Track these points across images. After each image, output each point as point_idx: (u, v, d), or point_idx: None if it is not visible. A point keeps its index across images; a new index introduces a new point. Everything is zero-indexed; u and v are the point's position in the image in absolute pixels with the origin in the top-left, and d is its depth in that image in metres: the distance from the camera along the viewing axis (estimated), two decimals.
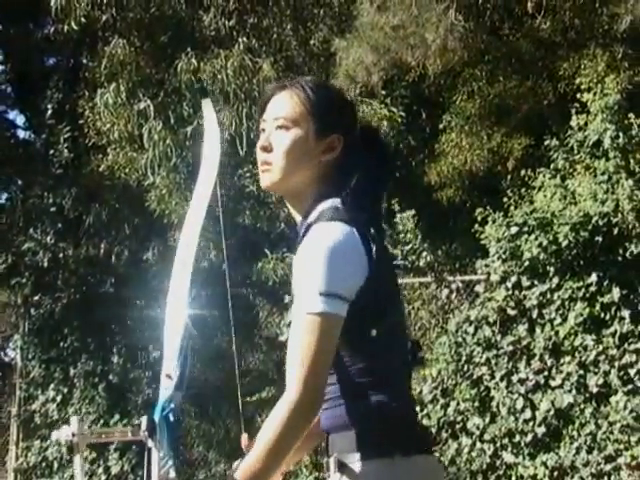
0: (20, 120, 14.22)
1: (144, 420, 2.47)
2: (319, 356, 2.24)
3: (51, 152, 11.77)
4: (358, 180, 2.48)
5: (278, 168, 2.47)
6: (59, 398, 11.24)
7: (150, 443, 2.43)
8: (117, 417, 10.81)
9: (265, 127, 2.51)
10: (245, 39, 10.27)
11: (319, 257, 2.27)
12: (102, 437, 2.18)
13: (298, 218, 2.49)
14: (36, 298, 11.63)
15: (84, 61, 12.38)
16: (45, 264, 11.25)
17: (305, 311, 2.23)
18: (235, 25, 10.66)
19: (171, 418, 2.47)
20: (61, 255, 11.36)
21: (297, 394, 2.23)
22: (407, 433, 2.38)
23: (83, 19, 10.20)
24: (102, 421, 10.82)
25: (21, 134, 13.87)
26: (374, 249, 2.35)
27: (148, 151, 9.91)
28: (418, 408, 8.21)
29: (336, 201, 2.41)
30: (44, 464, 11.29)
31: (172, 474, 2.36)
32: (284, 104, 2.49)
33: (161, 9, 10.71)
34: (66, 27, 10.41)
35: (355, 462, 2.33)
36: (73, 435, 2.36)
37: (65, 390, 11.21)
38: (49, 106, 12.14)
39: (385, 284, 2.41)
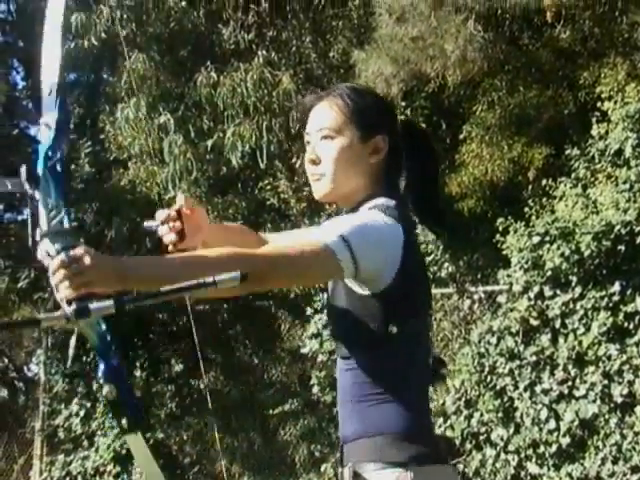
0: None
1: (23, 170, 2.38)
2: (298, 266, 2.26)
3: (72, 167, 11.81)
4: (408, 177, 2.57)
5: (329, 178, 2.53)
6: (82, 412, 11.24)
7: (35, 194, 2.35)
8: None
9: (310, 140, 2.57)
10: (264, 52, 10.31)
11: (362, 219, 2.36)
12: None
13: None
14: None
15: (104, 76, 12.45)
16: None
17: (321, 239, 2.26)
18: (254, 38, 10.70)
19: (58, 169, 2.39)
20: None
21: (262, 261, 2.20)
22: (422, 443, 2.38)
23: (103, 34, 10.26)
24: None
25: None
26: (413, 250, 2.41)
27: (169, 165, 9.93)
28: (441, 419, 8.19)
29: (388, 200, 2.45)
30: (68, 479, 11.30)
31: (66, 224, 2.30)
32: (325, 115, 2.54)
33: (180, 23, 10.75)
34: (86, 43, 10.47)
35: (370, 472, 2.35)
36: None
37: (88, 404, 11.22)
38: (70, 121, 12.20)
39: (416, 287, 2.44)
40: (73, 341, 2.49)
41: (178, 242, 2.56)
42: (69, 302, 2.10)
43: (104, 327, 2.35)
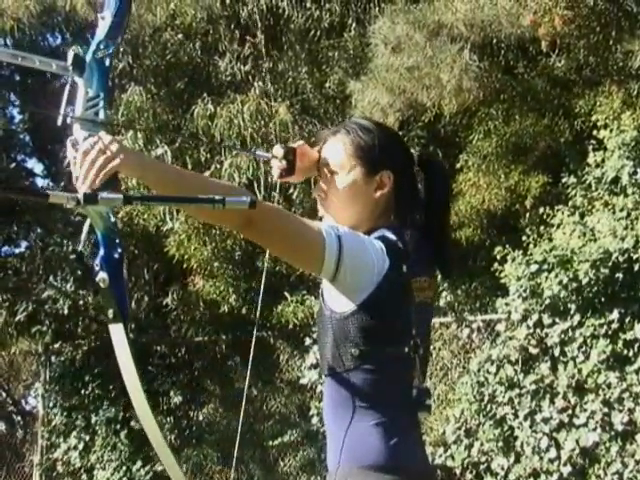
0: (38, 168, 14.33)
1: (70, 55, 2.39)
2: (291, 230, 2.39)
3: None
4: (417, 213, 2.66)
5: (332, 212, 2.63)
6: (81, 446, 11.20)
7: (78, 80, 2.37)
8: (140, 464, 10.76)
9: (319, 174, 2.67)
10: (261, 83, 10.35)
11: (359, 236, 2.48)
12: (17, 59, 2.11)
13: None
14: (57, 346, 11.64)
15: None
16: (65, 312, 11.26)
17: (322, 226, 2.42)
18: (250, 70, 10.74)
19: (106, 63, 2.41)
20: (81, 302, 11.37)
21: (268, 206, 2.43)
22: (394, 472, 2.43)
23: None
24: (124, 468, 10.78)
25: (39, 182, 13.96)
26: (393, 282, 2.45)
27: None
28: (442, 449, 8.17)
29: (385, 231, 2.53)
30: None
31: (101, 115, 2.32)
32: (332, 150, 2.65)
33: (177, 55, 10.80)
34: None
35: None
36: None
37: (87, 438, 11.18)
38: (67, 154, 12.20)
39: (390, 316, 2.48)
40: (86, 225, 2.53)
41: (286, 175, 2.72)
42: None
43: (113, 219, 2.38)
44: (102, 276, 2.35)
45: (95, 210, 2.34)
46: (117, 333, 2.38)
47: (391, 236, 2.50)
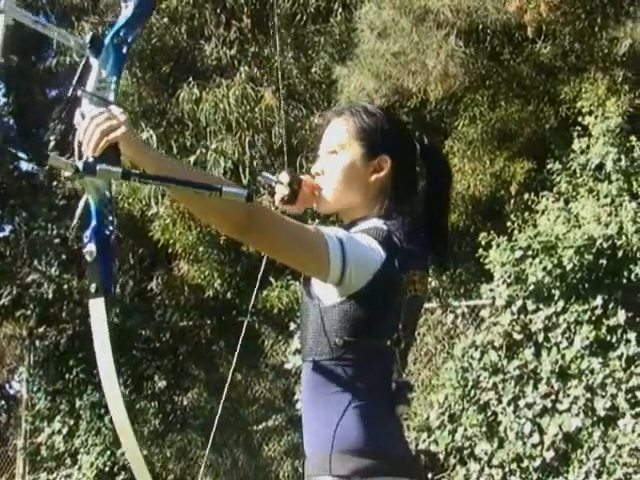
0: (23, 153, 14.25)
1: (88, 35, 2.43)
2: (290, 235, 2.35)
3: (54, 184, 11.78)
4: (415, 200, 2.66)
5: (328, 191, 2.64)
6: (65, 430, 11.17)
7: (93, 60, 2.39)
8: (124, 449, 10.76)
9: (320, 154, 2.69)
10: (247, 68, 10.32)
11: (355, 236, 2.43)
12: (37, 25, 2.12)
13: None
14: (41, 330, 11.61)
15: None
16: (50, 296, 11.23)
17: (322, 229, 2.40)
18: (236, 54, 10.72)
19: (123, 50, 2.44)
20: (66, 286, 11.34)
21: (267, 210, 2.42)
22: (373, 457, 2.44)
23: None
24: (109, 452, 10.77)
25: (24, 166, 13.89)
26: (385, 279, 2.45)
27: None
28: (425, 434, 8.19)
29: (377, 222, 2.52)
30: None
31: (111, 97, 2.34)
32: (334, 131, 2.66)
33: (162, 39, 10.76)
34: (68, 59, 10.46)
35: None
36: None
37: (71, 422, 11.16)
38: (51, 138, 12.13)
39: (377, 310, 2.47)
40: (82, 202, 2.52)
41: (288, 202, 2.70)
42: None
43: (109, 195, 2.38)
44: (90, 249, 2.33)
45: (92, 182, 2.33)
46: (97, 308, 2.36)
47: (383, 227, 2.49)
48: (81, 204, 2.41)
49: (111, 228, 2.38)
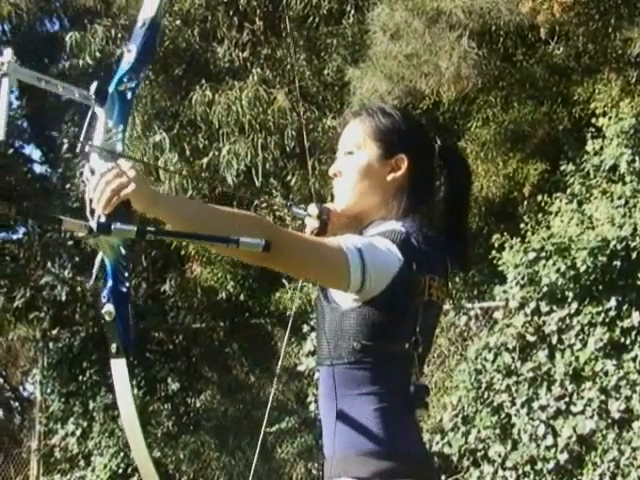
0: (36, 155, 14.32)
1: (93, 86, 2.42)
2: (312, 256, 2.37)
3: (67, 186, 11.80)
4: (434, 201, 2.65)
5: (345, 191, 2.64)
6: (79, 432, 11.20)
7: (98, 110, 2.38)
8: None
9: (338, 154, 2.69)
10: (259, 70, 10.32)
11: (372, 241, 2.42)
12: (41, 83, 2.11)
13: None
14: (55, 332, 11.63)
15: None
16: (63, 298, 11.24)
17: (341, 242, 2.38)
18: (249, 56, 10.72)
19: (128, 96, 2.44)
20: (79, 289, 11.36)
21: (284, 237, 2.34)
22: (391, 459, 2.44)
23: (98, 53, 10.27)
24: (122, 454, 10.79)
25: (37, 169, 13.93)
26: (404, 282, 2.44)
27: (164, 183, 9.93)
28: (438, 436, 8.17)
29: (396, 224, 2.52)
30: None
31: (119, 147, 2.33)
32: (351, 132, 2.66)
33: (175, 42, 10.77)
34: (81, 62, 10.49)
35: None
36: (2, 64, 2.29)
37: (85, 424, 11.18)
38: (65, 140, 12.18)
39: (394, 314, 2.47)
40: (98, 259, 2.52)
41: (319, 234, 2.70)
42: (98, 218, 2.21)
43: (124, 252, 2.38)
44: (108, 309, 2.35)
45: (107, 240, 2.33)
46: (118, 368, 2.39)
47: (401, 229, 2.49)
48: (97, 262, 2.42)
49: (127, 284, 2.39)
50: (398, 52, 8.80)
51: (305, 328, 9.51)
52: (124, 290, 2.38)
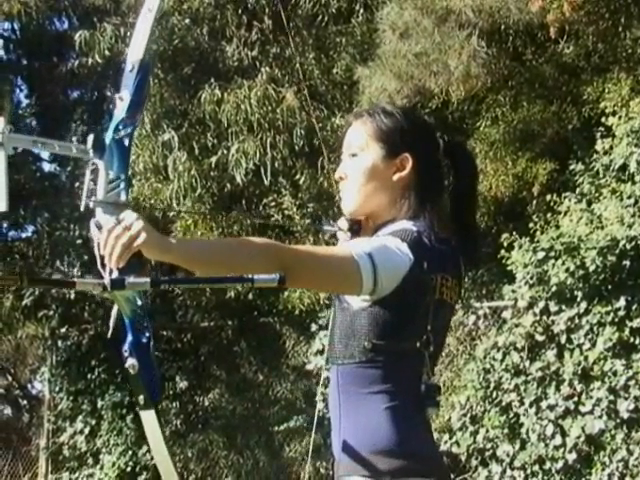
0: (45, 153, 14.29)
1: (90, 138, 2.41)
2: (322, 270, 2.36)
3: (76, 184, 11.82)
4: (443, 200, 2.64)
5: (352, 195, 2.63)
6: (87, 430, 11.22)
7: (98, 163, 2.39)
8: (146, 448, 10.78)
9: (342, 157, 2.69)
10: (268, 69, 10.31)
11: (383, 242, 2.42)
12: (37, 145, 2.13)
13: None
14: (63, 330, 11.65)
15: (108, 93, 12.45)
16: (72, 296, 11.26)
17: (350, 249, 2.37)
18: (258, 55, 10.71)
19: (125, 143, 2.43)
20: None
21: (292, 258, 2.31)
22: (402, 457, 2.44)
23: (107, 52, 10.28)
24: (130, 452, 10.81)
25: (46, 167, 13.95)
26: (415, 281, 2.44)
27: (173, 182, 9.93)
28: (447, 436, 8.16)
29: (407, 223, 2.52)
30: None
31: (123, 197, 2.33)
32: (353, 134, 2.66)
33: (184, 41, 10.77)
34: (90, 60, 10.50)
35: None
36: None
37: (93, 422, 11.20)
38: (74, 139, 12.16)
39: (406, 313, 2.47)
40: (114, 312, 2.53)
41: None
42: (110, 273, 2.21)
43: (140, 303, 2.38)
44: (131, 362, 2.35)
45: (122, 294, 2.34)
46: (148, 419, 2.39)
47: (412, 228, 2.49)
48: (113, 315, 2.42)
49: (147, 334, 2.39)
50: (407, 51, 8.80)
51: (313, 327, 9.51)
52: (145, 341, 2.39)
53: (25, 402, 15.51)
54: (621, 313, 7.52)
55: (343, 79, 10.41)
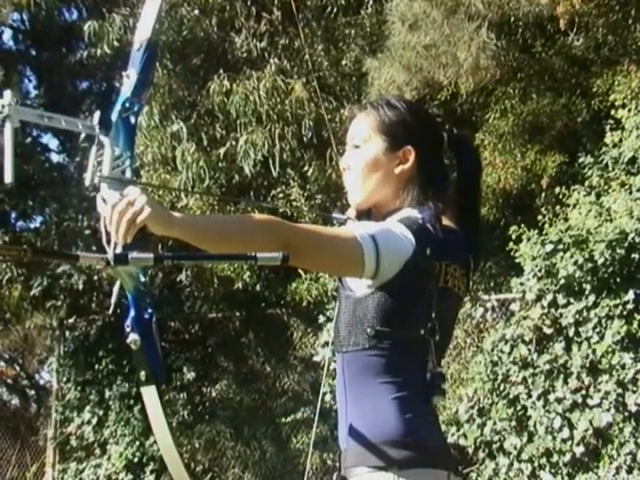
0: (53, 144, 14.29)
1: (97, 115, 2.41)
2: (326, 249, 2.37)
3: (84, 175, 11.82)
4: (447, 192, 2.65)
5: (356, 186, 2.66)
6: (95, 420, 11.23)
7: (104, 139, 2.39)
8: (153, 439, 10.79)
9: (346, 149, 2.70)
10: (277, 60, 10.31)
11: (387, 226, 2.46)
12: (44, 119, 2.12)
13: None
14: (71, 321, 11.67)
15: (116, 84, 12.46)
16: (80, 287, 11.28)
17: (353, 231, 2.39)
18: (267, 46, 10.70)
19: (132, 121, 2.43)
20: (96, 277, 11.38)
21: (297, 235, 2.33)
22: (409, 448, 2.43)
23: (116, 42, 10.28)
24: (137, 442, 10.82)
25: (55, 158, 13.95)
26: (417, 267, 2.44)
27: (181, 173, 9.93)
28: (454, 428, 8.16)
29: (412, 211, 2.54)
30: None
31: (128, 174, 2.34)
32: (357, 126, 2.68)
33: (193, 32, 10.76)
34: (99, 51, 10.50)
35: (354, 477, 2.45)
36: (3, 107, 2.28)
37: (101, 412, 11.21)
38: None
39: (408, 300, 2.48)
40: (116, 288, 2.53)
41: None
42: (115, 248, 2.21)
43: (144, 279, 2.39)
44: (133, 337, 2.35)
45: (125, 270, 2.33)
46: (149, 395, 2.39)
47: (417, 215, 2.50)
48: (115, 291, 2.42)
49: (150, 310, 2.39)
50: (416, 43, 8.78)
51: (321, 319, 9.51)
52: (147, 317, 2.38)
53: (33, 392, 15.53)
54: (629, 306, 7.51)
55: (352, 71, 10.40)
